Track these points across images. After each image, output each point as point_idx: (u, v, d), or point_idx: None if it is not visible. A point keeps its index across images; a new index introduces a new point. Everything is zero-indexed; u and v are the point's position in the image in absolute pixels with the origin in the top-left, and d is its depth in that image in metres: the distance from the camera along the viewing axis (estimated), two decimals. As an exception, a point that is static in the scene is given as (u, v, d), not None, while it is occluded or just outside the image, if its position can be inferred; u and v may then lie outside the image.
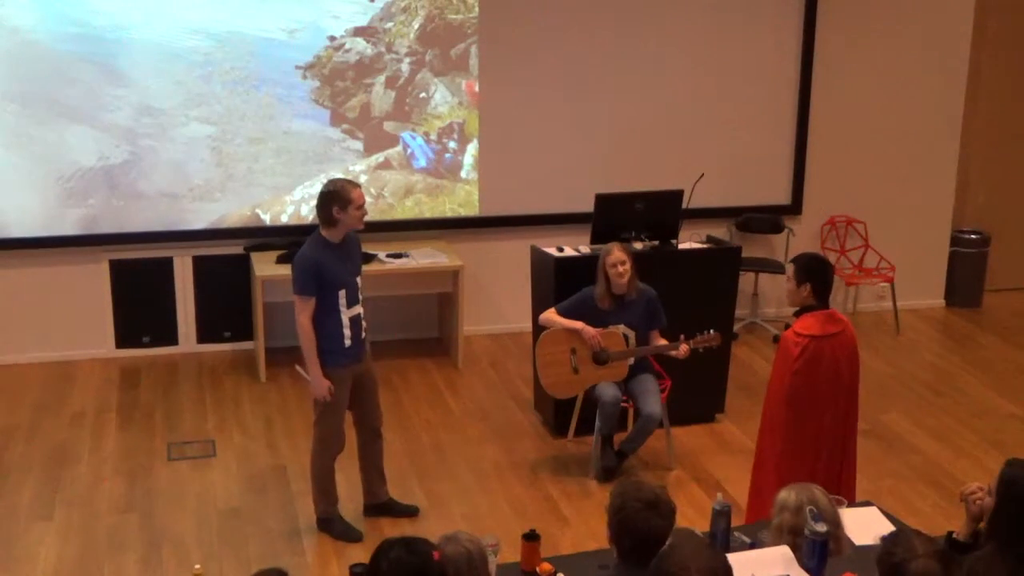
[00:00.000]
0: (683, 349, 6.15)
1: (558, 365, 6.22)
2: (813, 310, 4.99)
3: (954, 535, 3.83)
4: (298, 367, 5.59)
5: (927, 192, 9.03)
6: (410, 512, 5.89)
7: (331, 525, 5.69)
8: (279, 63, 7.80)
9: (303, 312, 5.35)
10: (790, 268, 5.07)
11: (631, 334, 6.22)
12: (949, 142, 9.01)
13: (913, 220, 9.00)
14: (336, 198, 5.33)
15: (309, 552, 5.57)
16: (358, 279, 5.51)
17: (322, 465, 5.64)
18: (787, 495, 3.90)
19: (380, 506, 5.88)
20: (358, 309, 5.49)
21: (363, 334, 5.56)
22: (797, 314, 5.06)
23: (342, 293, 5.40)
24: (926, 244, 9.12)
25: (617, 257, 6.09)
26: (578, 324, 6.15)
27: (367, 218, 5.53)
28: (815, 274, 4.99)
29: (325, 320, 5.39)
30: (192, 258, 7.94)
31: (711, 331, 6.21)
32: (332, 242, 5.40)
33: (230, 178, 7.89)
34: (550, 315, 6.25)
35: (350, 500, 5.86)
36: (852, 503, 5.09)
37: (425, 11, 7.95)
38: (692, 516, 5.63)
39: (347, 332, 5.44)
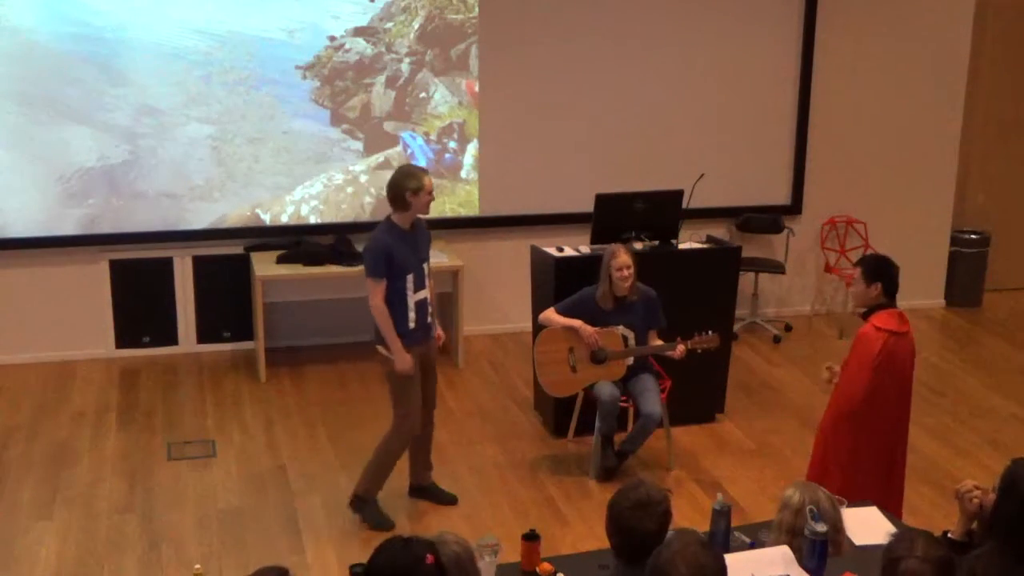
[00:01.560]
0: (680, 350, 6.15)
1: (556, 364, 6.22)
2: (884, 308, 5.05)
3: (949, 534, 3.83)
4: (379, 348, 5.67)
5: (927, 192, 9.03)
6: (449, 500, 6.01)
7: (365, 507, 5.77)
8: (279, 63, 7.80)
9: (376, 294, 5.53)
10: (857, 271, 5.17)
11: (630, 334, 6.21)
12: (949, 142, 9.01)
13: (913, 220, 9.00)
14: (412, 181, 5.57)
15: (309, 552, 5.56)
16: (425, 266, 5.69)
17: (393, 448, 5.77)
18: (792, 493, 3.87)
19: (423, 488, 6.02)
20: (424, 294, 5.68)
21: (428, 318, 5.72)
22: (865, 315, 5.11)
23: (410, 278, 5.58)
24: (926, 244, 9.12)
25: (623, 261, 6.10)
26: (576, 322, 6.15)
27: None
28: (884, 274, 5.08)
29: (392, 302, 5.55)
30: (192, 258, 7.94)
31: (710, 332, 6.21)
32: (402, 228, 5.59)
33: (230, 178, 7.89)
34: (549, 314, 6.25)
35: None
36: (898, 505, 5.19)
37: (425, 11, 7.95)
38: (692, 516, 5.63)
39: (412, 315, 5.62)
